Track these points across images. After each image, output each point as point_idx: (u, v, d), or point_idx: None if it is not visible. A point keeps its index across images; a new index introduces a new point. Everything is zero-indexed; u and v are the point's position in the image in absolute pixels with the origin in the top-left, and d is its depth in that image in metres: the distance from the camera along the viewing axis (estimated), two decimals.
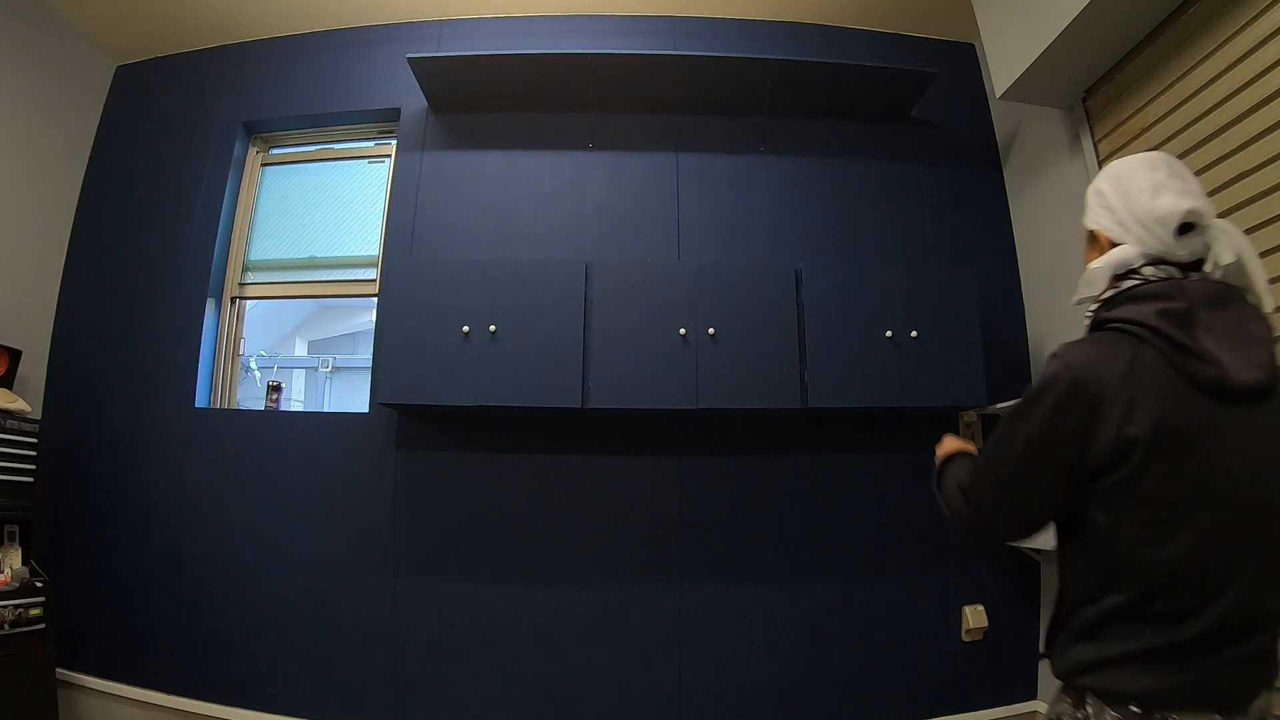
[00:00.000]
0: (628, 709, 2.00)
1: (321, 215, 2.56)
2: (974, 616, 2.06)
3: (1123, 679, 0.79)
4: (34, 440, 2.02)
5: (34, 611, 1.87)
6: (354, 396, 3.48)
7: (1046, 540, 1.91)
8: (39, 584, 1.91)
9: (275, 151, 2.67)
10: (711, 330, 1.91)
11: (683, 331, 1.92)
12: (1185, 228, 0.85)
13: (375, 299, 2.34)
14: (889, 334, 1.94)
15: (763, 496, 2.11)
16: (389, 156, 2.50)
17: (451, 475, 2.13)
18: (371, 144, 2.60)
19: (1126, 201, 0.89)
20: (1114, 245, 0.90)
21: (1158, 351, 0.80)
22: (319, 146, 2.63)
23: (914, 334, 1.95)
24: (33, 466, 2.00)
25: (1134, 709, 0.77)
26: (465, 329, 1.91)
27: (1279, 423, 0.80)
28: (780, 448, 2.14)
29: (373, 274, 2.42)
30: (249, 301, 2.54)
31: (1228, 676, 0.77)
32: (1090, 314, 0.92)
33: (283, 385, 2.40)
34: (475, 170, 2.37)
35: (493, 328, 1.91)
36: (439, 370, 1.90)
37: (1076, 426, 0.79)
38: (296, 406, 3.21)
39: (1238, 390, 0.77)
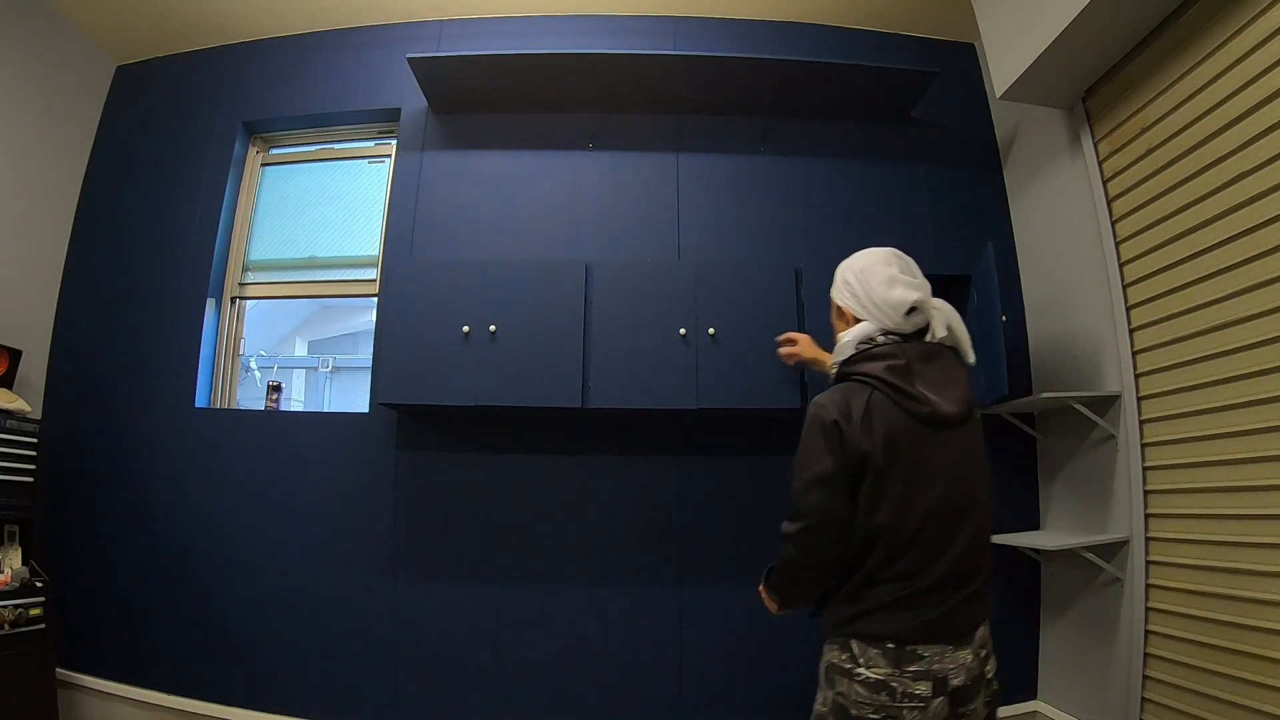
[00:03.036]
0: (628, 707, 2.00)
1: (321, 215, 2.56)
2: None
3: (878, 624, 1.07)
4: (34, 440, 2.02)
5: (34, 611, 1.87)
6: (354, 396, 3.47)
7: (1047, 541, 1.91)
8: (39, 584, 1.91)
9: (275, 151, 2.67)
10: (711, 330, 1.91)
11: (683, 331, 1.92)
12: (910, 310, 1.18)
13: (375, 299, 2.34)
14: None
15: (763, 496, 2.11)
16: (389, 156, 2.50)
17: (451, 475, 2.13)
18: (371, 144, 2.60)
19: (868, 291, 1.20)
20: (858, 320, 1.21)
21: (885, 395, 1.12)
22: (319, 146, 2.63)
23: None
24: (33, 466, 2.00)
25: (889, 645, 1.06)
26: (465, 329, 1.91)
27: (972, 438, 1.16)
28: (780, 448, 2.14)
29: (373, 274, 2.42)
30: (249, 301, 2.54)
31: (954, 615, 1.07)
32: (834, 371, 1.25)
33: (283, 385, 2.40)
34: (475, 170, 2.37)
35: (493, 328, 1.91)
36: (439, 370, 1.90)
37: (830, 445, 1.10)
38: (296, 406, 3.21)
39: (943, 419, 1.11)
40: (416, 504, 2.12)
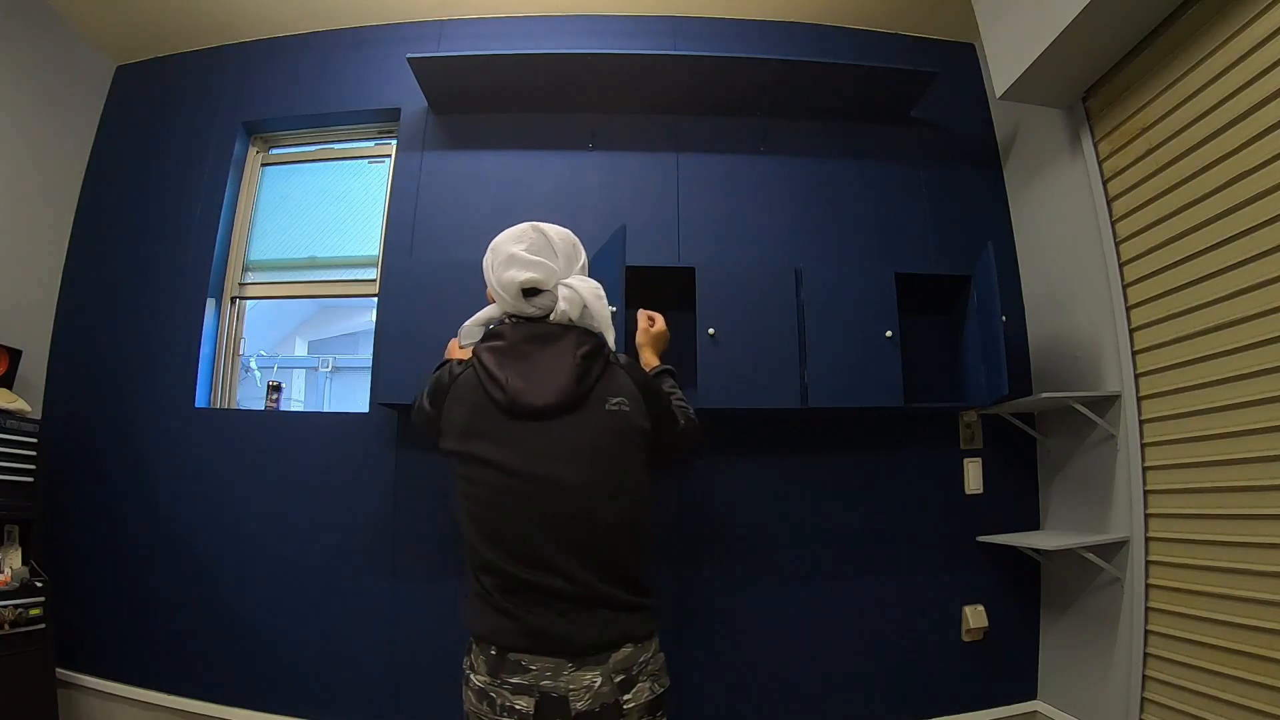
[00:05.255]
0: None
1: (321, 215, 2.56)
2: (974, 616, 2.06)
3: (478, 623, 1.00)
4: (34, 440, 2.02)
5: (34, 611, 1.87)
6: (354, 396, 3.48)
7: (1047, 541, 1.91)
8: (39, 584, 1.91)
9: (275, 151, 2.66)
10: (711, 330, 1.91)
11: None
12: (533, 291, 1.09)
13: (375, 299, 2.34)
14: (889, 334, 1.94)
15: (762, 496, 2.11)
16: (389, 156, 2.50)
17: (452, 476, 2.12)
18: (371, 144, 2.60)
19: (491, 270, 1.13)
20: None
21: (476, 375, 1.07)
22: (319, 146, 2.63)
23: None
24: (33, 466, 2.00)
25: (491, 650, 0.97)
26: None
27: (579, 431, 1.04)
28: (780, 448, 2.14)
29: (373, 274, 2.41)
30: (249, 301, 2.54)
31: (564, 627, 0.96)
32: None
33: (283, 385, 2.39)
34: (475, 170, 2.36)
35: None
36: None
37: (434, 398, 1.12)
38: (296, 406, 3.21)
39: (524, 410, 1.03)
40: (416, 504, 2.11)
